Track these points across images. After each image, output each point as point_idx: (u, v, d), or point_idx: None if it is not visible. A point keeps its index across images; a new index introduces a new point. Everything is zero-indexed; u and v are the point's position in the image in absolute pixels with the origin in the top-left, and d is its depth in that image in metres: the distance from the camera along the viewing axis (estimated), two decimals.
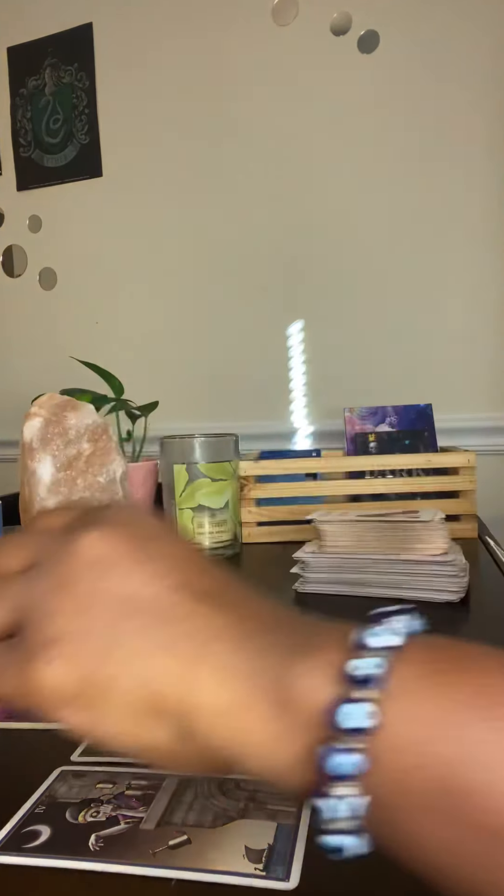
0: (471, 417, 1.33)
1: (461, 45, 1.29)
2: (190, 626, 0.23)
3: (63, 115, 1.57)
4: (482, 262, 1.32)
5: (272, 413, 1.45)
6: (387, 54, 1.33)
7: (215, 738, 0.22)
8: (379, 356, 1.37)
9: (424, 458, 1.02)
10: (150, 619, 0.23)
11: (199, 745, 0.23)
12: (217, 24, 1.43)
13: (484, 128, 1.29)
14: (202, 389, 1.49)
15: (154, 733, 0.23)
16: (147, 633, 0.23)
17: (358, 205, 1.37)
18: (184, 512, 0.95)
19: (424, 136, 1.32)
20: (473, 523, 0.99)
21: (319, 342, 1.41)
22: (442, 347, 1.34)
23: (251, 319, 1.45)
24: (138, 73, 1.50)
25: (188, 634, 0.23)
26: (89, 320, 1.58)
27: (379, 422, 1.13)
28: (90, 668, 0.23)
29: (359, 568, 0.71)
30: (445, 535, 0.70)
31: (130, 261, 1.54)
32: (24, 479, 0.84)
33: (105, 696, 0.23)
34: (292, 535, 1.01)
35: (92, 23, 1.53)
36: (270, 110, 1.41)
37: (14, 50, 1.61)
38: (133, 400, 1.05)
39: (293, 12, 1.38)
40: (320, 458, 1.06)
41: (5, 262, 1.65)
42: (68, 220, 1.59)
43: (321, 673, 0.22)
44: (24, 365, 1.64)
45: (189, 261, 1.49)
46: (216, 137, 1.45)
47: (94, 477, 0.85)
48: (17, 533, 0.29)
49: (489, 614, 0.65)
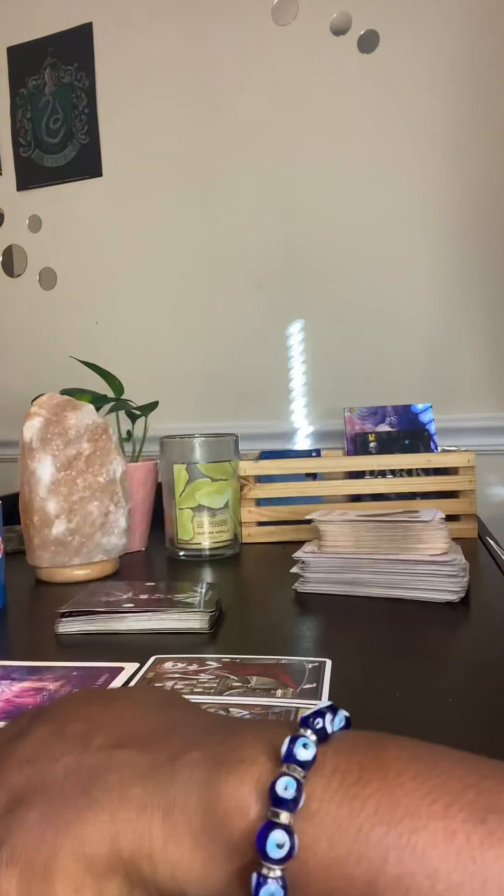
0: (471, 417, 1.34)
1: (461, 45, 1.29)
2: (112, 778, 0.24)
3: (63, 115, 1.57)
4: (483, 262, 1.32)
5: (272, 413, 1.45)
6: (387, 54, 1.33)
7: (160, 877, 0.22)
8: (379, 356, 1.37)
9: (424, 458, 1.02)
10: (74, 788, 0.24)
11: (150, 891, 0.23)
12: (217, 23, 1.43)
13: (484, 128, 1.29)
14: (202, 389, 1.49)
15: (103, 893, 0.23)
16: (71, 804, 0.23)
17: (358, 204, 1.37)
18: (184, 512, 0.95)
19: (425, 136, 1.32)
20: (473, 523, 0.99)
21: (319, 342, 1.41)
22: (442, 347, 1.34)
23: (251, 319, 1.45)
24: (138, 73, 1.50)
25: (109, 787, 0.23)
26: (89, 320, 1.58)
27: (379, 422, 1.13)
28: (28, 862, 0.23)
29: (359, 568, 0.71)
30: (445, 535, 0.70)
31: (130, 261, 1.54)
32: (24, 479, 0.84)
33: (49, 879, 0.23)
34: (292, 535, 1.01)
35: (92, 23, 1.53)
36: (270, 110, 1.41)
37: (14, 50, 1.61)
38: (133, 400, 1.05)
39: (293, 12, 1.38)
40: (320, 458, 1.06)
41: (5, 262, 1.65)
42: (68, 220, 1.59)
43: (247, 790, 0.22)
44: (24, 365, 1.64)
45: (189, 260, 1.49)
46: (216, 137, 1.45)
47: (94, 477, 0.85)
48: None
49: (489, 614, 0.65)
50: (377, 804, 0.21)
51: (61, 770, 0.25)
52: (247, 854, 0.21)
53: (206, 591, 0.68)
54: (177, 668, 0.52)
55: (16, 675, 0.53)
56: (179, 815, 0.22)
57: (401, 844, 0.20)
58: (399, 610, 0.66)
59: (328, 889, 0.20)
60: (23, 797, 0.24)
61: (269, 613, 0.68)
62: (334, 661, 0.52)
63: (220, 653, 0.56)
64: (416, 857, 0.19)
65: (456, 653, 0.55)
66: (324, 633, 0.61)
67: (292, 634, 0.61)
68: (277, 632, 0.62)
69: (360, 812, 0.21)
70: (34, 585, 0.84)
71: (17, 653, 0.59)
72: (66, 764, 0.25)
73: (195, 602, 0.64)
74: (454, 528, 0.96)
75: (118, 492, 0.87)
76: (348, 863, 0.20)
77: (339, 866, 0.20)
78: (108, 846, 0.23)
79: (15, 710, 0.46)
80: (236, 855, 0.21)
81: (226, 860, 0.22)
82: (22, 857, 0.23)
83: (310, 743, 0.23)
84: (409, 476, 1.02)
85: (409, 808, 0.20)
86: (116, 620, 0.62)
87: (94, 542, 0.84)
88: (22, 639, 0.64)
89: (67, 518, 0.82)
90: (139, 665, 0.53)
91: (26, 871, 0.22)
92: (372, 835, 0.20)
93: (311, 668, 0.51)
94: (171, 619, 0.62)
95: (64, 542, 0.83)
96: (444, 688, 0.47)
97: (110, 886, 0.23)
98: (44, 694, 0.49)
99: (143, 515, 1.02)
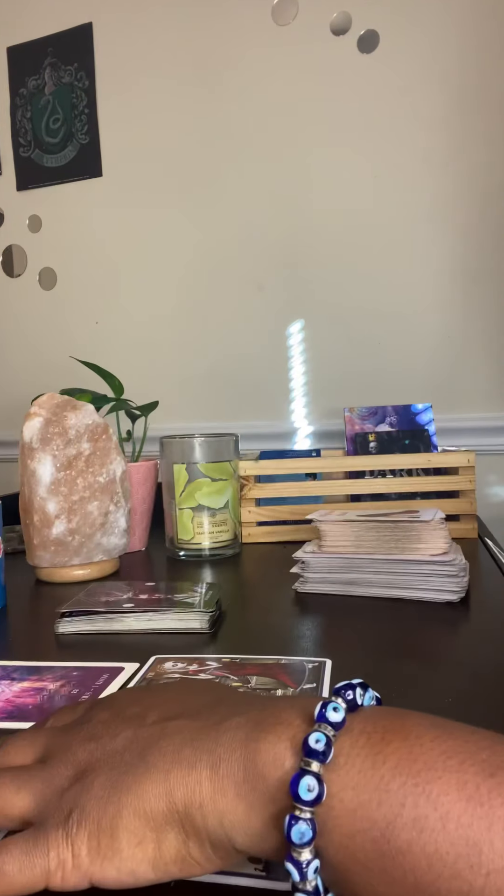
0: (471, 417, 1.34)
1: (461, 45, 1.29)
2: (165, 743, 0.27)
3: (63, 115, 1.57)
4: (484, 262, 1.32)
5: (272, 413, 1.45)
6: (387, 54, 1.33)
7: (210, 825, 0.25)
8: (379, 356, 1.37)
9: (424, 458, 1.02)
10: (133, 756, 0.27)
11: (202, 839, 0.25)
12: (217, 23, 1.43)
13: (485, 128, 1.29)
14: (202, 389, 1.49)
15: (163, 844, 0.26)
16: (131, 769, 0.27)
17: (358, 204, 1.37)
18: (184, 512, 0.95)
19: (425, 136, 1.32)
20: (473, 523, 0.99)
21: (319, 342, 1.41)
22: (442, 347, 1.34)
23: (251, 319, 1.45)
24: (138, 73, 1.50)
25: (162, 752, 0.27)
26: (89, 320, 1.58)
27: (379, 422, 1.13)
28: (96, 822, 0.26)
29: (359, 568, 0.71)
30: (445, 535, 0.70)
31: (130, 261, 1.54)
32: (24, 479, 0.84)
33: (115, 835, 0.26)
34: (292, 535, 1.01)
35: (92, 23, 1.53)
36: (270, 110, 1.41)
37: (14, 50, 1.61)
38: (133, 400, 1.05)
39: (293, 12, 1.38)
40: (320, 458, 1.06)
41: (5, 262, 1.65)
42: (68, 220, 1.59)
43: (283, 747, 0.25)
44: (24, 365, 1.64)
45: (189, 260, 1.49)
46: (216, 137, 1.45)
47: (94, 477, 0.85)
48: (26, 731, 0.34)
49: (489, 614, 0.65)
50: (398, 759, 0.23)
51: (121, 743, 0.28)
52: (282, 801, 0.24)
53: (206, 591, 0.68)
54: (177, 667, 0.52)
55: (16, 675, 0.53)
56: (225, 770, 0.25)
57: (417, 791, 0.22)
58: (399, 610, 0.66)
59: (352, 831, 0.23)
60: (88, 768, 0.28)
61: (269, 613, 0.68)
62: (334, 661, 0.52)
63: (220, 653, 0.56)
64: (431, 801, 0.22)
65: (456, 653, 0.55)
66: (324, 633, 0.61)
67: (292, 634, 0.61)
68: (277, 632, 0.62)
69: (383, 765, 0.23)
70: (34, 585, 0.83)
71: (17, 653, 0.59)
72: (125, 737, 0.29)
73: (195, 602, 0.64)
74: (454, 528, 0.96)
75: (118, 492, 0.87)
76: (370, 807, 0.23)
77: (362, 810, 0.23)
78: (164, 802, 0.26)
79: (15, 711, 0.46)
80: (273, 802, 0.24)
81: (264, 807, 0.24)
82: (90, 818, 0.26)
83: (340, 707, 0.26)
84: (409, 476, 1.02)
85: (426, 762, 0.23)
86: (116, 620, 0.62)
87: (94, 542, 0.84)
88: (22, 639, 0.64)
89: (67, 518, 0.82)
90: (139, 665, 0.53)
91: (95, 830, 0.26)
92: (392, 783, 0.23)
93: (311, 668, 0.51)
94: (171, 619, 0.62)
95: (64, 542, 0.83)
96: (444, 688, 0.47)
97: (169, 837, 0.26)
98: (44, 694, 0.49)
99: (143, 515, 1.02)
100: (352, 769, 0.24)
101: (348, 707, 0.26)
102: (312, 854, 0.23)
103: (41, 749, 0.31)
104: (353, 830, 0.23)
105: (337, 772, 0.24)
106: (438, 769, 0.22)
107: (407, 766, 0.23)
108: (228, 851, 0.26)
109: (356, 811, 0.23)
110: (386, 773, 0.23)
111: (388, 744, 0.24)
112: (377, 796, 0.23)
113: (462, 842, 0.21)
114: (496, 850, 0.20)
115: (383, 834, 0.22)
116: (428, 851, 0.21)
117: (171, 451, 0.97)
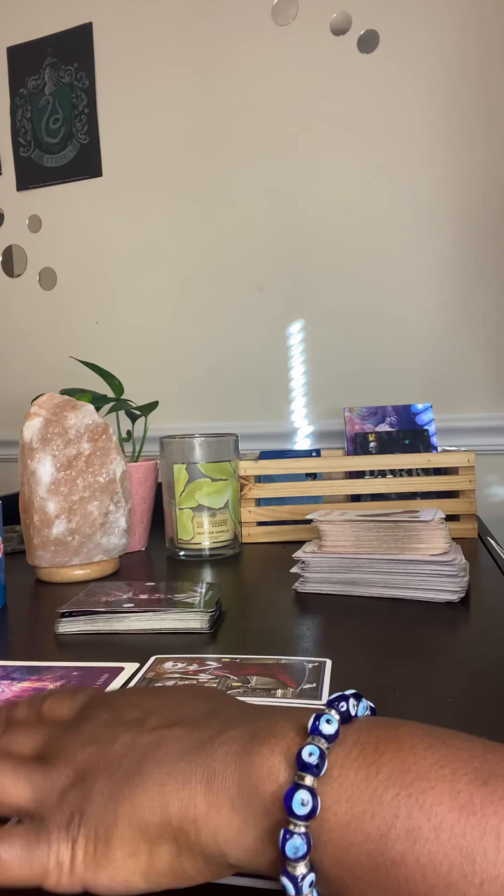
0: (471, 417, 1.34)
1: (461, 45, 1.29)
2: (162, 754, 0.27)
3: (63, 114, 1.57)
4: (484, 262, 1.32)
5: (272, 413, 1.45)
6: (387, 54, 1.33)
7: (203, 840, 0.25)
8: (379, 356, 1.37)
9: (424, 458, 1.02)
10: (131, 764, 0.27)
11: (195, 853, 0.25)
12: (216, 23, 1.43)
13: (485, 128, 1.29)
14: (202, 389, 1.49)
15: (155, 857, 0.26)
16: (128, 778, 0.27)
17: (358, 204, 1.37)
18: (184, 511, 0.95)
19: (425, 136, 1.32)
20: (473, 523, 0.99)
21: (319, 342, 1.41)
22: (442, 347, 1.34)
23: (251, 319, 1.45)
24: (138, 73, 1.50)
25: (159, 763, 0.27)
26: (89, 320, 1.58)
27: (379, 422, 1.13)
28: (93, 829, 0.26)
29: (359, 568, 0.71)
30: (445, 535, 0.70)
31: (130, 261, 1.54)
32: (24, 479, 0.84)
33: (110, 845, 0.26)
34: (292, 535, 1.01)
35: (92, 23, 1.53)
36: (270, 110, 1.41)
37: (14, 50, 1.61)
38: (133, 400, 1.05)
39: (293, 12, 1.38)
40: (320, 458, 1.06)
41: (5, 262, 1.65)
42: (68, 220, 1.59)
43: (277, 760, 0.25)
44: (24, 365, 1.64)
45: (189, 260, 1.49)
46: (216, 137, 1.45)
47: (94, 477, 0.85)
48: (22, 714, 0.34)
49: (489, 614, 0.65)
50: (391, 770, 0.23)
51: (120, 748, 0.28)
52: (277, 814, 0.24)
53: (206, 590, 0.68)
54: (177, 667, 0.52)
55: (16, 675, 0.53)
56: (219, 785, 0.25)
57: (410, 802, 0.22)
58: (399, 610, 0.66)
59: (346, 844, 0.23)
60: (87, 773, 0.28)
61: (269, 613, 0.68)
62: (334, 661, 0.52)
63: (220, 653, 0.56)
64: (424, 812, 0.22)
65: (456, 653, 0.55)
66: (324, 633, 0.61)
67: (292, 634, 0.61)
68: (277, 632, 0.62)
69: (376, 776, 0.23)
70: (34, 585, 0.83)
71: (17, 653, 0.59)
72: (123, 742, 0.28)
73: (195, 602, 0.64)
74: (454, 528, 0.96)
75: (118, 492, 0.87)
76: (364, 819, 0.23)
77: (356, 823, 0.23)
78: (159, 815, 0.25)
79: None
80: (267, 816, 0.24)
81: (258, 821, 0.24)
82: (89, 824, 0.26)
83: (333, 720, 0.25)
84: (409, 476, 1.02)
85: (419, 772, 0.23)
86: (116, 620, 0.62)
87: (94, 542, 0.84)
88: (22, 639, 0.64)
89: (67, 518, 0.82)
90: (139, 665, 0.53)
91: (92, 837, 0.26)
92: (385, 795, 0.23)
93: (311, 668, 0.51)
94: (171, 619, 0.62)
95: (64, 542, 0.83)
96: (444, 688, 0.47)
97: (162, 850, 0.26)
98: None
99: (143, 515, 1.02)
100: (345, 781, 0.24)
101: (342, 718, 0.26)
102: (307, 868, 0.23)
103: (40, 743, 0.31)
104: (348, 844, 0.23)
105: (331, 784, 0.24)
106: (431, 779, 0.23)
107: (400, 776, 0.23)
108: (221, 865, 0.26)
109: (350, 824, 0.23)
110: (379, 784, 0.23)
111: (381, 755, 0.24)
112: (371, 808, 0.23)
113: (455, 851, 0.21)
114: (489, 860, 0.21)
115: (377, 846, 0.22)
116: (422, 862, 0.21)
117: (171, 450, 0.97)
